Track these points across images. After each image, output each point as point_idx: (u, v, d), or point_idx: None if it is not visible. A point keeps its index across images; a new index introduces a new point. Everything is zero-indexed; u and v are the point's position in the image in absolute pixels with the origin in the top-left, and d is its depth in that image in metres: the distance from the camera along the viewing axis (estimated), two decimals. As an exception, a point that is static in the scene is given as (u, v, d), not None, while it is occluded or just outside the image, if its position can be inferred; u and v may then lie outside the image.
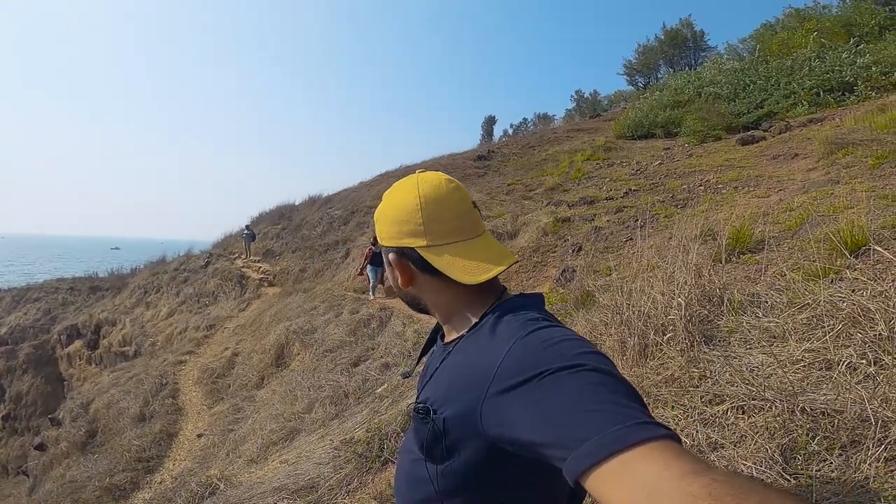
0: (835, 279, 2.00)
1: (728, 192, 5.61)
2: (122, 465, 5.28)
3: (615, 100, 27.91)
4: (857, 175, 4.04)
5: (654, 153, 9.84)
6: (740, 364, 1.65)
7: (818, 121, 7.68)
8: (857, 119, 6.17)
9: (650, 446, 0.41)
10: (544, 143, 15.01)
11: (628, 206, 6.33)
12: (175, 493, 3.14)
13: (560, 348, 0.54)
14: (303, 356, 6.70)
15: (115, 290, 16.22)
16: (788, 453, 1.20)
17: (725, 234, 3.19)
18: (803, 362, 1.51)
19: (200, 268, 14.69)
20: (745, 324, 1.94)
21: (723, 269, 2.71)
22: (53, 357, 13.27)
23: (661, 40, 25.75)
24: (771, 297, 2.08)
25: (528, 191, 9.63)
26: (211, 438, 5.41)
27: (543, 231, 6.51)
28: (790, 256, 2.63)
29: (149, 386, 7.62)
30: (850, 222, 2.35)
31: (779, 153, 6.52)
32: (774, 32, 13.45)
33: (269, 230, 16.26)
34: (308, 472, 2.74)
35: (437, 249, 0.69)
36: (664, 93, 14.03)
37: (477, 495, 0.63)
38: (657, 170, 8.09)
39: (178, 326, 11.60)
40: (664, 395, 1.74)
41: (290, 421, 4.58)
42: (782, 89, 9.83)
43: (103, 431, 6.85)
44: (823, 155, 5.15)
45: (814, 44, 10.62)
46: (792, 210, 3.59)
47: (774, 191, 4.81)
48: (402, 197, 0.72)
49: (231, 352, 8.39)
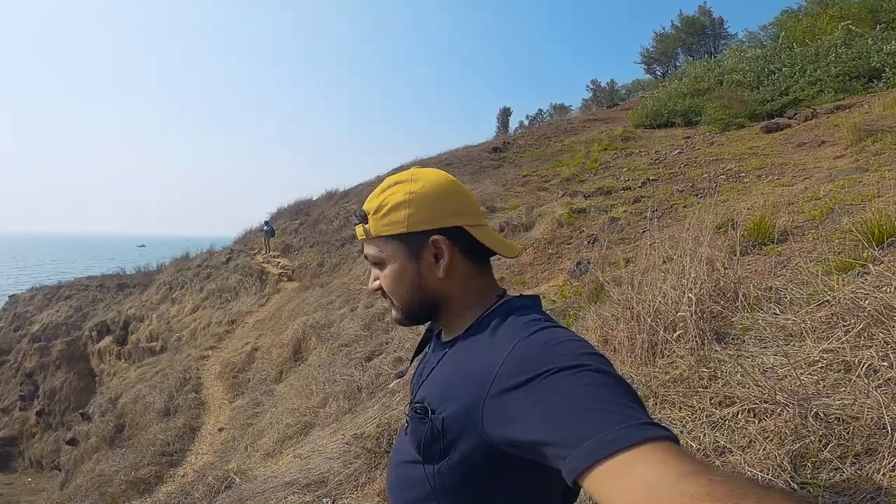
0: (860, 272, 1.89)
1: (750, 180, 5.41)
2: (147, 459, 5.47)
3: (633, 89, 27.25)
4: (886, 162, 3.83)
5: (673, 142, 9.55)
6: (753, 364, 1.57)
7: (846, 108, 7.35)
8: (886, 106, 5.89)
9: (650, 447, 0.41)
10: (560, 133, 14.74)
11: (646, 197, 6.17)
12: (193, 486, 3.23)
13: (562, 349, 0.54)
14: (319, 350, 6.79)
15: (142, 286, 16.75)
16: (798, 460, 1.14)
17: (744, 225, 3.07)
18: (820, 364, 1.43)
19: (222, 264, 15.03)
20: (760, 321, 1.85)
21: (739, 262, 2.61)
22: (85, 353, 13.82)
23: (678, 28, 25.03)
24: (790, 291, 1.99)
25: (543, 182, 9.48)
26: (231, 432, 5.55)
27: (559, 222, 6.40)
28: (814, 248, 2.51)
29: (173, 381, 7.86)
30: (877, 212, 2.22)
31: (804, 140, 6.24)
32: (797, 19, 13.06)
33: (287, 225, 16.51)
34: (319, 467, 2.78)
35: (480, 230, 0.70)
36: (683, 81, 13.65)
37: (473, 496, 0.62)
38: (676, 159, 7.85)
39: (201, 322, 11.92)
40: (672, 395, 1.68)
41: (305, 415, 4.66)
42: (808, 76, 9.53)
43: (130, 426, 7.11)
44: (852, 142, 4.92)
45: (842, 31, 10.20)
46: (818, 199, 3.43)
47: (800, 179, 4.60)
48: (434, 178, 0.70)
49: (251, 346, 8.57)
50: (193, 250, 18.05)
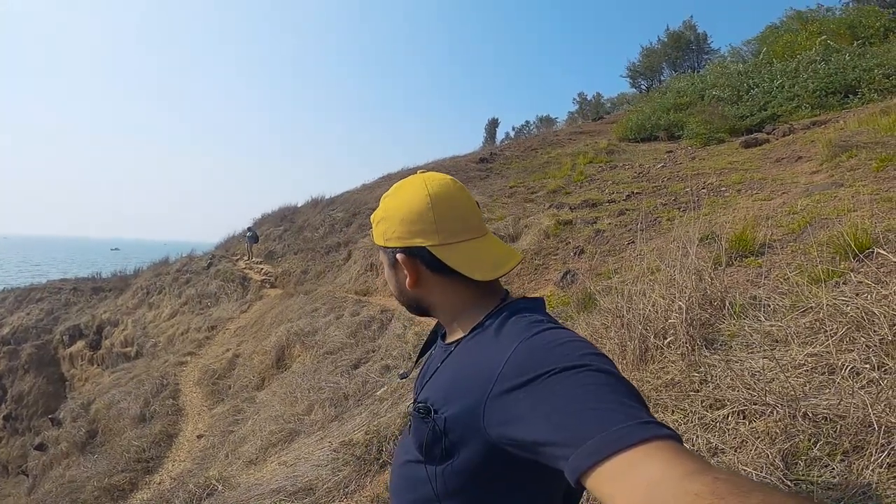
0: (839, 282, 1.98)
1: (731, 194, 5.58)
2: (121, 466, 5.26)
3: (618, 102, 27.88)
4: (860, 178, 4.00)
5: (656, 156, 9.81)
6: (741, 368, 1.62)
7: (821, 123, 7.63)
8: (861, 122, 6.13)
9: (653, 445, 0.41)
10: (547, 145, 14.99)
11: (630, 209, 6.30)
12: (173, 493, 3.13)
13: (564, 349, 0.54)
14: (303, 358, 6.69)
15: (118, 290, 16.27)
16: (790, 459, 1.18)
17: (727, 237, 3.17)
18: (805, 367, 1.48)
19: (203, 269, 14.72)
20: (746, 327, 1.91)
21: (724, 273, 2.69)
22: (55, 357, 13.31)
23: (664, 43, 25.70)
24: (773, 300, 2.06)
25: (530, 193, 9.61)
26: (211, 439, 5.40)
27: (545, 234, 6.48)
28: (793, 259, 2.61)
29: (149, 386, 7.62)
30: (853, 225, 2.32)
31: (782, 156, 6.48)
32: (779, 35, 13.39)
33: (271, 231, 16.30)
34: (306, 475, 2.73)
35: (449, 248, 0.69)
36: (667, 95, 14.00)
37: (475, 496, 0.62)
38: (660, 173, 8.06)
39: (179, 327, 11.62)
40: (664, 399, 1.72)
41: (289, 422, 4.56)
42: (786, 92, 9.76)
43: (103, 432, 6.85)
44: (827, 158, 5.12)
45: (819, 46, 10.54)
46: (795, 213, 3.56)
47: (778, 194, 4.78)
48: (410, 196, 0.71)
49: (232, 353, 8.38)
50: (173, 255, 17.66)
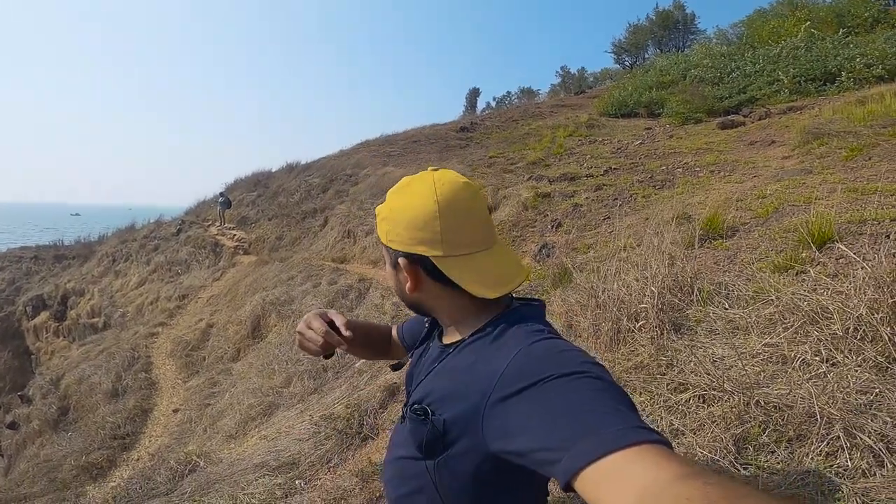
0: (799, 272, 2.10)
1: (705, 175, 5.72)
2: (97, 443, 5.21)
3: (601, 77, 27.63)
4: (829, 166, 4.14)
5: (635, 132, 9.87)
6: (704, 355, 1.73)
7: (798, 109, 7.77)
8: (836, 110, 6.25)
9: (643, 448, 0.42)
10: (528, 116, 14.85)
11: (608, 185, 6.39)
12: (154, 470, 3.15)
13: (563, 357, 0.56)
14: (280, 328, 6.65)
15: (82, 258, 15.60)
16: (741, 443, 1.28)
17: (700, 219, 3.27)
18: (762, 356, 1.59)
19: (172, 235, 14.24)
20: (711, 314, 2.02)
21: (695, 256, 2.80)
22: (20, 330, 12.81)
23: (652, 21, 25.46)
24: (738, 287, 2.17)
25: (509, 164, 9.58)
26: (187, 414, 5.40)
27: (523, 205, 6.53)
28: (758, 245, 2.72)
29: (120, 360, 7.47)
30: (817, 215, 2.43)
31: (756, 139, 6.63)
32: (766, 19, 13.39)
33: (244, 197, 15.81)
34: (288, 449, 2.78)
35: (452, 260, 0.67)
36: (650, 73, 13.96)
37: (470, 495, 0.65)
38: (637, 149, 8.15)
39: (149, 296, 11.31)
40: (633, 381, 1.82)
41: (267, 395, 4.60)
42: (766, 76, 9.88)
43: (76, 408, 6.72)
44: (799, 144, 5.25)
45: (804, 33, 10.61)
46: (764, 198, 3.69)
47: (749, 177, 4.92)
48: (418, 199, 0.68)
49: (205, 323, 8.25)
50: (139, 221, 16.97)
